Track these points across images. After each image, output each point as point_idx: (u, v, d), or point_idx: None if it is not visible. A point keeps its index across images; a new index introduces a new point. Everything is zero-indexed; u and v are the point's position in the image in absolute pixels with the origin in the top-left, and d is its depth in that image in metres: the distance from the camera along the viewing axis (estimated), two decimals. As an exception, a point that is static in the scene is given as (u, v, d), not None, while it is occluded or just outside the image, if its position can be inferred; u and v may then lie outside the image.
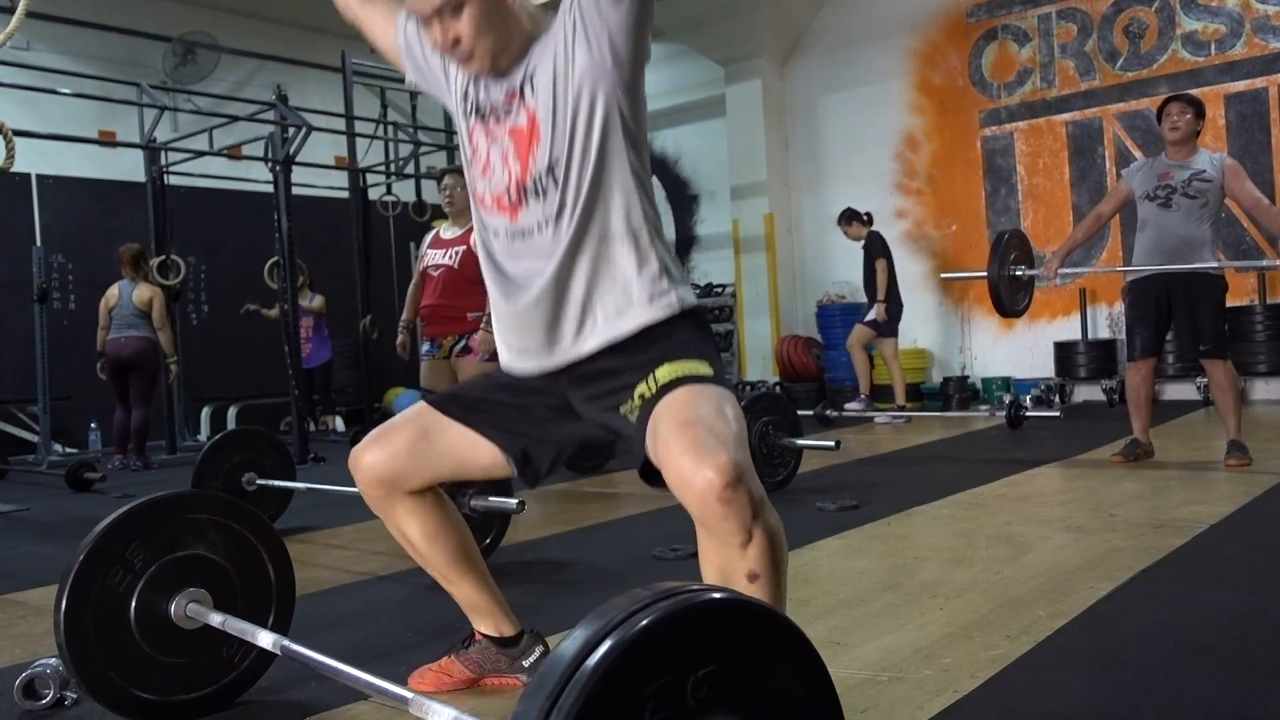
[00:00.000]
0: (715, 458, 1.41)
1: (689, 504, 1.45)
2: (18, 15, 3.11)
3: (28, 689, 2.07)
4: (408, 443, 1.82)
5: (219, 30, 9.43)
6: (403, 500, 1.86)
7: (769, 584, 1.49)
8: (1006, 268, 4.90)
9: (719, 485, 1.40)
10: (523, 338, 1.74)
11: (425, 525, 1.89)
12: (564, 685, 0.85)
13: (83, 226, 8.79)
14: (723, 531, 1.44)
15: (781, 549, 1.51)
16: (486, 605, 2.01)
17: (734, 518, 1.42)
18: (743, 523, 1.42)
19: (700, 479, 1.41)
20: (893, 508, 3.85)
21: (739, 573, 1.47)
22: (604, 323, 1.67)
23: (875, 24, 9.32)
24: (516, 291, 1.73)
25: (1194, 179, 4.48)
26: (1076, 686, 1.89)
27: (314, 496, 4.28)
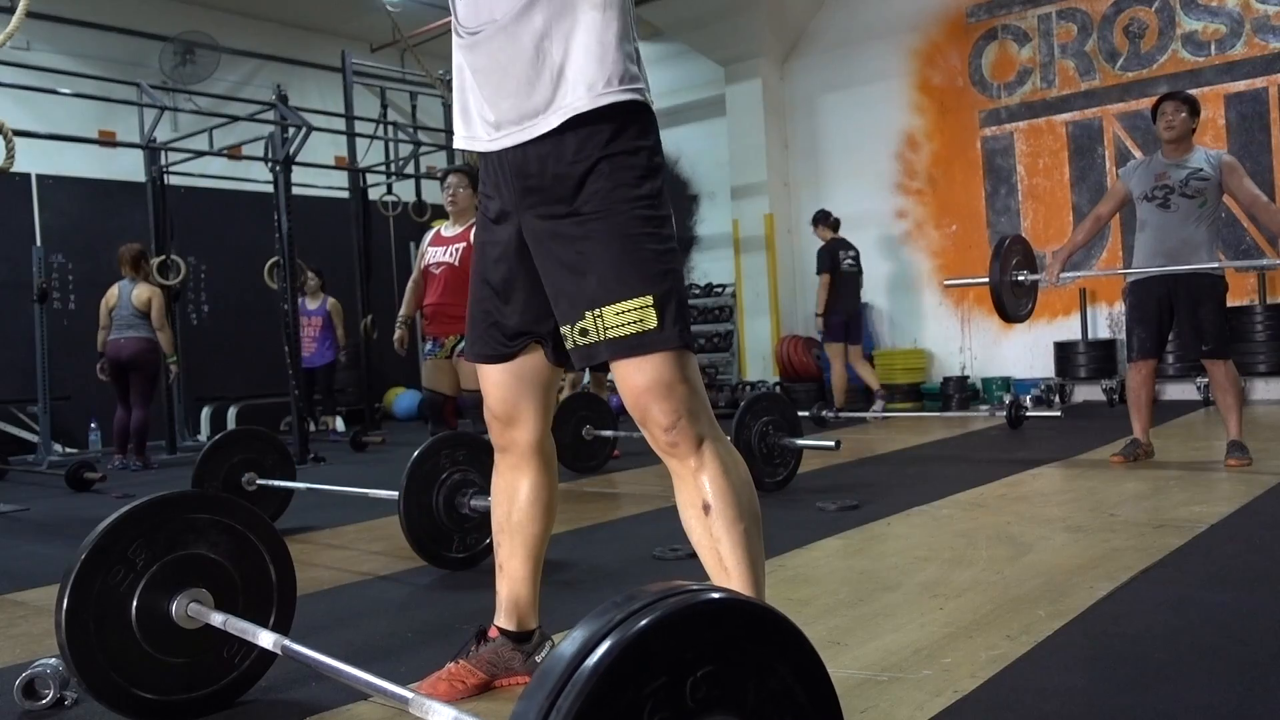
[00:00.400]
0: (663, 403, 1.62)
1: (652, 444, 1.67)
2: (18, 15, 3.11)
3: (28, 689, 2.08)
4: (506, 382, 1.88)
5: (219, 30, 9.44)
6: (538, 455, 1.93)
7: (726, 517, 1.63)
8: (1009, 273, 4.90)
9: (661, 425, 1.63)
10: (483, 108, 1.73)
11: (539, 490, 1.94)
12: (563, 685, 0.85)
13: (83, 226, 8.79)
14: (676, 465, 1.66)
15: (736, 482, 1.66)
16: (529, 597, 2.01)
17: (681, 449, 1.64)
18: (688, 453, 1.64)
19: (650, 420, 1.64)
20: (893, 508, 3.85)
21: (695, 505, 1.66)
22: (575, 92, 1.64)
23: (875, 24, 9.32)
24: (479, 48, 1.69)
25: (1191, 178, 4.48)
26: (1076, 686, 1.89)
27: (314, 496, 4.28)
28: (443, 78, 9.24)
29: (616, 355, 1.64)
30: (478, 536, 3.21)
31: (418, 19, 9.27)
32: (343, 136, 9.21)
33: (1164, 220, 4.56)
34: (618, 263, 1.63)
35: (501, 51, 1.66)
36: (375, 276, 9.48)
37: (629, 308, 1.62)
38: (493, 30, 1.66)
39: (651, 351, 1.63)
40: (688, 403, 1.64)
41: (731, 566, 1.64)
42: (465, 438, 3.30)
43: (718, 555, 1.65)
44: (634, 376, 1.64)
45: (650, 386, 1.63)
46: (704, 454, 1.64)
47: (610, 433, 5.59)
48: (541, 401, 1.91)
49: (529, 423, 1.91)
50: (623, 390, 1.67)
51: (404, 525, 3.08)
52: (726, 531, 1.64)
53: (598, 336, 1.65)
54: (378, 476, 4.39)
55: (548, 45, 1.63)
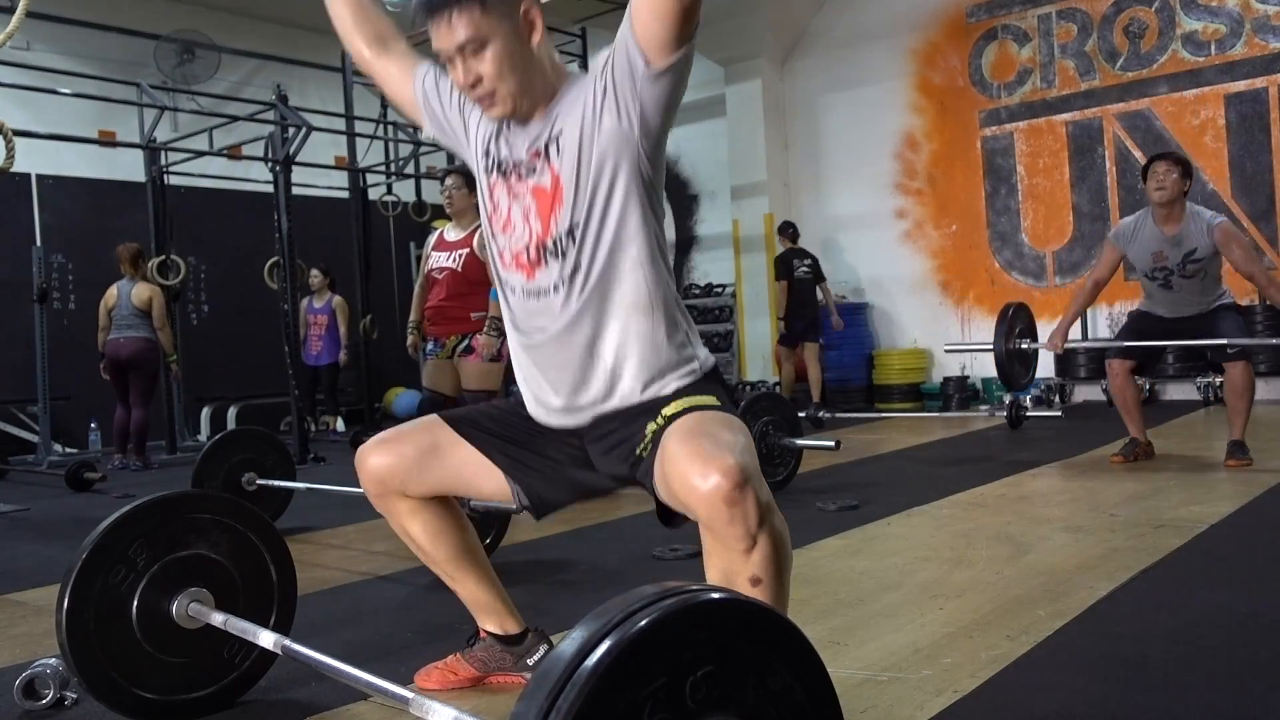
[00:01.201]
0: (722, 461, 1.42)
1: (696, 509, 1.46)
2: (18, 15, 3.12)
3: (28, 689, 2.08)
4: (416, 452, 1.82)
5: (219, 30, 9.43)
6: (405, 499, 1.87)
7: (771, 589, 1.50)
8: (1012, 341, 4.92)
9: (726, 488, 1.40)
10: (544, 394, 1.77)
11: (428, 523, 1.90)
12: (563, 685, 0.85)
13: (83, 226, 8.79)
14: (728, 536, 1.44)
15: (786, 554, 1.52)
16: (490, 603, 2.01)
17: (739, 522, 1.42)
18: (748, 528, 1.43)
19: (707, 483, 1.41)
20: (893, 508, 3.85)
21: (742, 576, 1.48)
22: (631, 386, 1.69)
23: (875, 24, 9.32)
24: (537, 349, 1.75)
25: (1187, 261, 4.47)
26: (1076, 686, 1.89)
27: (314, 496, 4.28)
28: (443, 78, 9.23)
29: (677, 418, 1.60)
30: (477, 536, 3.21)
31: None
32: (343, 136, 9.20)
33: (1169, 297, 4.61)
34: None
35: (556, 355, 1.72)
36: (375, 276, 9.47)
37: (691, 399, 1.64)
38: (544, 338, 1.73)
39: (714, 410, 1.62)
40: (755, 465, 1.49)
41: None
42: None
43: None
44: (693, 429, 1.56)
45: (710, 434, 1.53)
46: (761, 533, 1.45)
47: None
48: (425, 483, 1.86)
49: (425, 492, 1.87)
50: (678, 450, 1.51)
51: (404, 525, 3.07)
52: (770, 598, 1.50)
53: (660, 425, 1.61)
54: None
55: (600, 349, 1.70)
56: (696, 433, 1.52)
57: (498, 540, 3.26)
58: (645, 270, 1.68)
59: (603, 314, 1.68)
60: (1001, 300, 8.79)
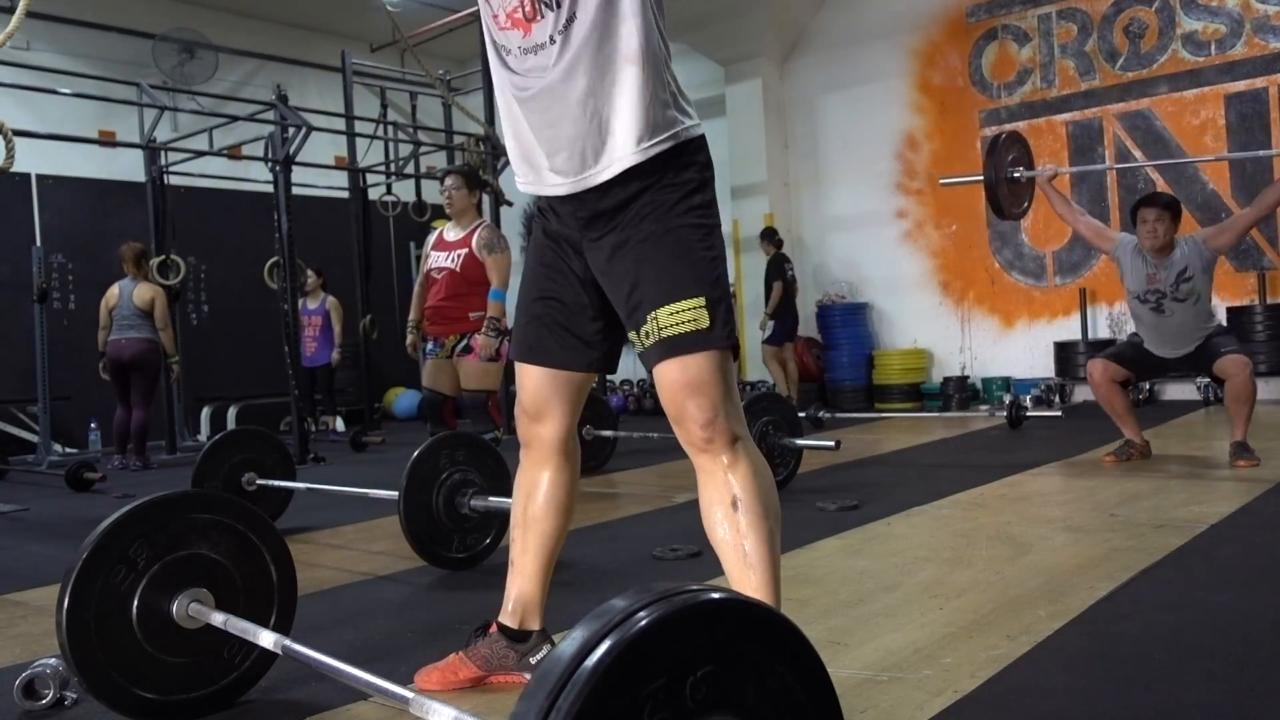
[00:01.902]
0: (699, 399, 1.69)
1: (682, 441, 1.73)
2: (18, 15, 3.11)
3: (28, 689, 2.08)
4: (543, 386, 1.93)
5: (219, 30, 9.44)
6: (561, 453, 1.96)
7: (753, 513, 1.68)
8: (1004, 170, 4.86)
9: (701, 421, 1.69)
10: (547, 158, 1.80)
11: (559, 487, 1.97)
12: (563, 685, 0.85)
13: (83, 226, 8.79)
14: (706, 462, 1.71)
15: (765, 483, 1.73)
16: (535, 596, 2.02)
17: (714, 448, 1.69)
18: (721, 451, 1.70)
19: (686, 416, 1.70)
20: (893, 508, 3.85)
21: (724, 502, 1.70)
22: (623, 141, 1.73)
23: (875, 24, 9.32)
24: (532, 101, 1.78)
25: (1180, 280, 4.51)
26: (1076, 686, 1.89)
27: (314, 496, 4.28)
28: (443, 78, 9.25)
29: (670, 354, 1.71)
30: (478, 536, 3.21)
31: (418, 19, 9.27)
32: (343, 136, 9.20)
33: (1159, 322, 4.62)
34: (671, 267, 1.74)
35: (551, 110, 1.76)
36: (375, 276, 9.47)
37: (683, 308, 1.71)
38: (539, 90, 1.76)
39: (700, 350, 1.71)
40: (725, 401, 1.71)
41: (755, 562, 1.69)
42: (465, 438, 3.30)
43: (742, 551, 1.69)
44: (676, 373, 1.71)
45: (690, 382, 1.70)
46: (736, 452, 1.71)
47: (610, 433, 5.59)
48: (572, 402, 1.95)
49: (555, 420, 1.95)
50: (663, 385, 1.73)
51: (404, 525, 3.08)
52: (753, 528, 1.69)
53: (655, 337, 1.72)
54: (378, 476, 4.38)
55: (592, 104, 1.73)
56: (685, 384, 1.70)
57: (497, 540, 3.27)
58: (638, 20, 1.71)
59: (596, 65, 1.71)
60: (1002, 300, 8.85)
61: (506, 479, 3.23)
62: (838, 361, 9.16)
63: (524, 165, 1.87)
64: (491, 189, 8.18)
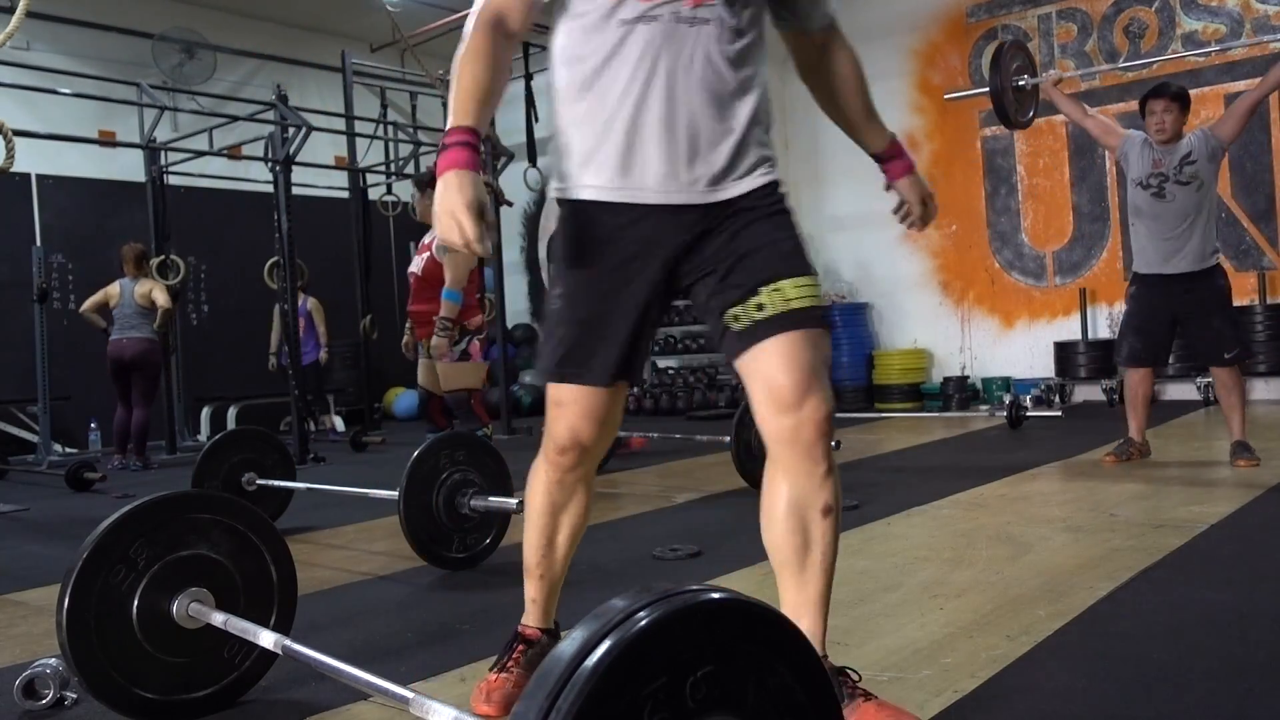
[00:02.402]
0: (823, 392, 1.61)
1: (779, 429, 1.61)
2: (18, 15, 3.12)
3: (28, 689, 2.08)
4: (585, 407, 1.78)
5: (219, 30, 9.44)
6: (587, 482, 1.89)
7: (836, 522, 1.66)
8: (1009, 79, 4.85)
9: (821, 415, 1.60)
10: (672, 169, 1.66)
11: (581, 515, 1.92)
12: (563, 685, 0.85)
13: (83, 226, 8.79)
14: (810, 460, 1.61)
15: None
16: (553, 596, 2.02)
17: (822, 446, 1.60)
18: (827, 453, 1.62)
19: (808, 405, 1.59)
20: (893, 508, 3.85)
21: (816, 506, 1.64)
22: (755, 163, 1.72)
23: (875, 24, 9.31)
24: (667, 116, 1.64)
25: (1184, 163, 4.50)
26: (1076, 686, 1.89)
27: (314, 496, 4.28)
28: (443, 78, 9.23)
29: (800, 325, 1.62)
30: (478, 536, 3.21)
31: (418, 19, 9.27)
32: (343, 136, 9.21)
33: (1160, 210, 4.55)
34: (790, 244, 1.71)
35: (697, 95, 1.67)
36: (375, 276, 9.47)
37: (806, 283, 1.67)
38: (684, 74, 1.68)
39: (821, 327, 1.66)
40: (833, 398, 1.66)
41: (825, 570, 1.67)
42: (465, 438, 3.31)
43: (823, 558, 1.66)
44: (808, 350, 1.62)
45: (822, 364, 1.63)
46: (831, 457, 1.65)
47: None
48: (616, 418, 1.85)
49: (603, 440, 1.84)
50: (785, 361, 1.60)
51: (404, 525, 3.08)
52: (835, 537, 1.67)
53: (777, 309, 1.63)
54: (378, 476, 4.39)
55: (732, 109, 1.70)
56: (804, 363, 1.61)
57: (497, 540, 3.27)
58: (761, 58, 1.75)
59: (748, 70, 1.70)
60: (1002, 300, 8.84)
61: (506, 479, 3.23)
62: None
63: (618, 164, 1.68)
64: (491, 189, 8.19)
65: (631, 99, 1.65)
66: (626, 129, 1.66)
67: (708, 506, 4.24)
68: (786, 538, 1.66)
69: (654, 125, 1.65)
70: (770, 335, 1.62)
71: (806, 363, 1.61)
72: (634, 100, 1.64)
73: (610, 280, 1.73)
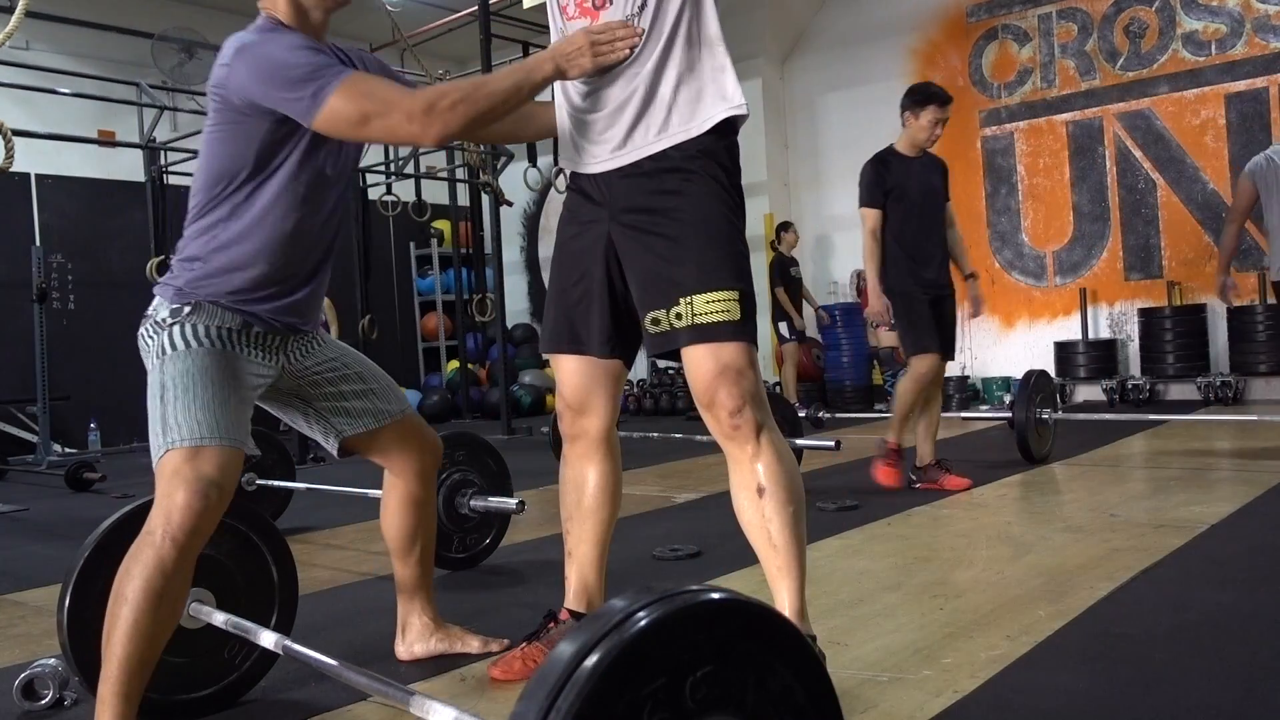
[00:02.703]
0: (729, 388, 1.76)
1: (711, 427, 1.81)
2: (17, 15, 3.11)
3: (27, 689, 2.08)
4: (582, 374, 1.98)
5: (220, 30, 9.41)
6: (605, 444, 2.03)
7: (777, 499, 1.76)
8: (1034, 410, 4.85)
9: (728, 409, 1.76)
10: (603, 136, 1.87)
11: (608, 476, 2.03)
12: (562, 685, 0.85)
13: (83, 226, 8.79)
14: (734, 449, 1.79)
15: (788, 468, 1.80)
16: (595, 581, 2.07)
17: (740, 435, 1.77)
18: (748, 438, 1.76)
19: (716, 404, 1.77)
20: (893, 508, 3.85)
21: (750, 488, 1.78)
22: (679, 124, 1.83)
23: (875, 24, 9.32)
24: (599, 94, 1.86)
25: None
26: (1076, 686, 1.89)
27: (314, 496, 4.28)
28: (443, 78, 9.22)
29: (700, 340, 1.78)
30: (477, 537, 3.21)
31: (418, 19, 9.26)
32: (342, 136, 9.18)
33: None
34: (708, 254, 1.80)
35: (611, 88, 1.85)
36: (375, 276, 9.47)
37: (719, 298, 1.78)
38: (609, 76, 1.85)
39: (731, 340, 1.78)
40: (752, 391, 1.79)
41: (780, 544, 1.78)
42: (465, 438, 3.30)
43: (768, 534, 1.78)
44: (708, 361, 1.78)
45: (723, 371, 1.77)
46: (761, 441, 1.78)
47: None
48: (612, 393, 2.01)
49: (600, 412, 2.00)
50: (695, 370, 1.80)
51: (404, 525, 3.07)
52: (777, 513, 1.78)
53: (687, 321, 1.78)
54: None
55: (653, 82, 1.83)
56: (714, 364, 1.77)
57: (497, 540, 3.27)
58: (700, 4, 1.84)
59: (662, 46, 1.82)
60: (1002, 300, 8.84)
61: (506, 479, 3.23)
62: (838, 361, 9.15)
63: (570, 146, 1.94)
64: (492, 189, 8.19)
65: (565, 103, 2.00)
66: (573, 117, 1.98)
67: (708, 506, 4.23)
68: (741, 519, 1.83)
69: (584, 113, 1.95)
70: (681, 346, 1.81)
71: (710, 371, 1.79)
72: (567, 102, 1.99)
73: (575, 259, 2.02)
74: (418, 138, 1.73)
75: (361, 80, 1.75)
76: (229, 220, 1.86)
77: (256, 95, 1.76)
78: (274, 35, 1.83)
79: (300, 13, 1.92)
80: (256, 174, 1.85)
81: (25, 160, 6.12)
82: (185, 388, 1.77)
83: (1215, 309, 7.68)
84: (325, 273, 2.05)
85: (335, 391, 2.07)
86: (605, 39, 1.79)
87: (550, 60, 1.80)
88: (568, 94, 1.94)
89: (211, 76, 1.83)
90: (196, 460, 1.71)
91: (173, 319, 1.84)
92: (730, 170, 1.87)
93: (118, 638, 1.68)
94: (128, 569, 1.69)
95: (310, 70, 1.73)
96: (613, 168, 1.87)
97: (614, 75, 1.83)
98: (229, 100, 1.80)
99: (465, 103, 1.73)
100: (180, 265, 1.90)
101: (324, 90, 1.71)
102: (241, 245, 1.86)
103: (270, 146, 1.83)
